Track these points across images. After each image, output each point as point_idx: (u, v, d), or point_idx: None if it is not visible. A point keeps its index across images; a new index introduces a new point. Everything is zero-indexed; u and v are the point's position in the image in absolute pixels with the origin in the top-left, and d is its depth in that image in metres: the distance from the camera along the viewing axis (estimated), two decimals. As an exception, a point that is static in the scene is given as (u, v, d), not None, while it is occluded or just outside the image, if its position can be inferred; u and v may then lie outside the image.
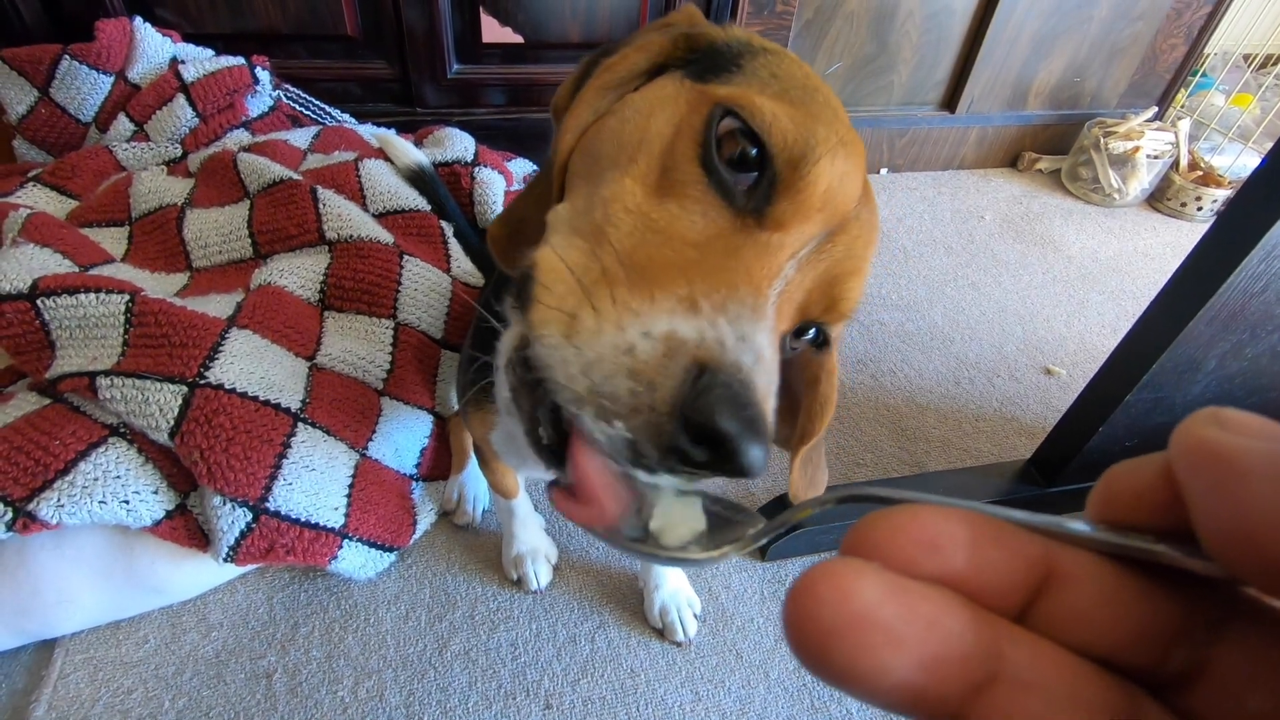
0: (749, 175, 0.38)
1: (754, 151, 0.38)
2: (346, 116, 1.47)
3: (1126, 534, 0.17)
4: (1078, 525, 0.18)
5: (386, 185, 1.15)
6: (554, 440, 0.34)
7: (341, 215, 1.03)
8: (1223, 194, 1.88)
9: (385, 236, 1.04)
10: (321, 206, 1.03)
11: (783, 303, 0.38)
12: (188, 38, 1.34)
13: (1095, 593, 0.17)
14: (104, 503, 0.75)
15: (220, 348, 0.82)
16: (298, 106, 1.41)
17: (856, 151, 0.40)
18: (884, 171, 2.01)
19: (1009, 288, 1.63)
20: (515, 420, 0.35)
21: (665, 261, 0.34)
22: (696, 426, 0.29)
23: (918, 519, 0.17)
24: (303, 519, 0.82)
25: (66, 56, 1.20)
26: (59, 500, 0.73)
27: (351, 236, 1.01)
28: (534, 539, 0.94)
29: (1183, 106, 2.10)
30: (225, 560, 0.80)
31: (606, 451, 0.31)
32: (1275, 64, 2.17)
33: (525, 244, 0.48)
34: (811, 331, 0.44)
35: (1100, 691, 0.16)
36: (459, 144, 1.32)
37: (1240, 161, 1.90)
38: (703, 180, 0.38)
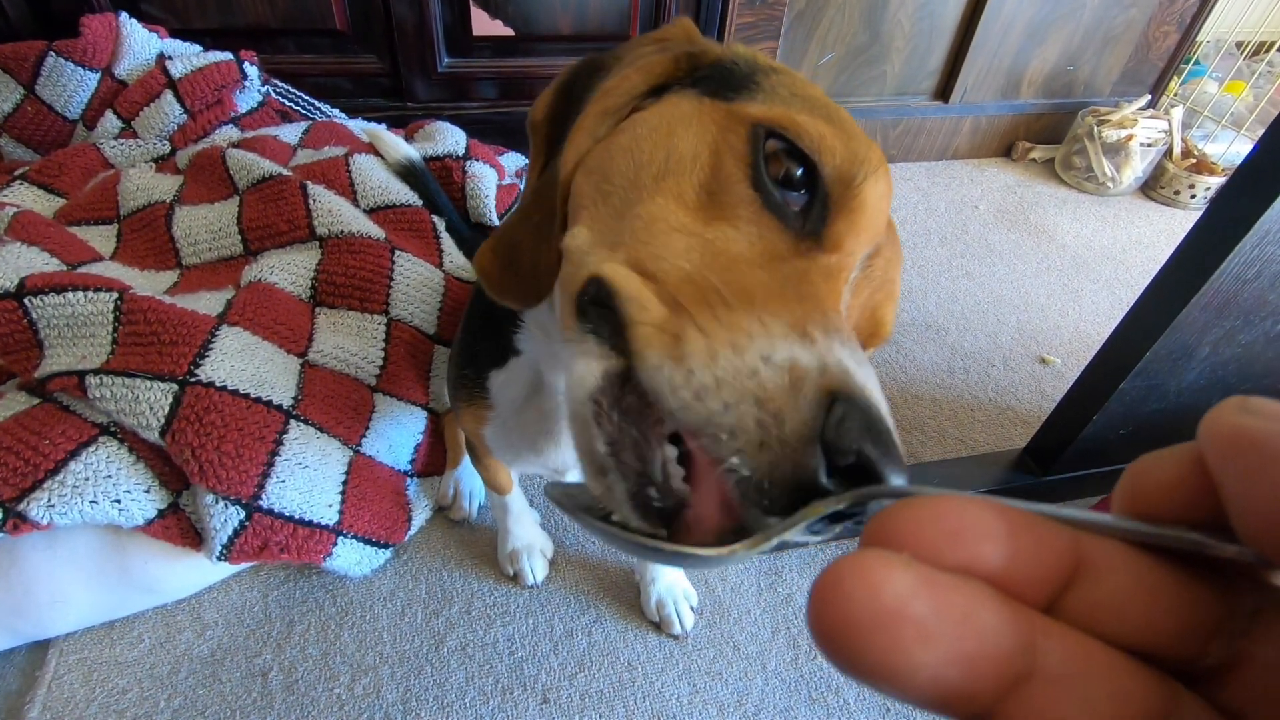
0: (795, 195, 0.37)
1: (799, 172, 0.37)
2: (336, 112, 1.46)
3: (1157, 524, 0.17)
4: (1105, 517, 0.17)
5: (377, 180, 1.14)
6: (668, 499, 0.29)
7: (332, 211, 1.02)
8: (1216, 181, 1.87)
9: (376, 232, 1.03)
10: (312, 202, 1.02)
11: None
12: (175, 33, 1.33)
13: (1127, 583, 0.16)
14: (95, 502, 0.74)
15: (211, 345, 0.82)
16: (287, 102, 1.40)
17: (889, 172, 0.40)
18: (878, 162, 2.00)
19: (1003, 277, 1.63)
20: (605, 483, 0.30)
21: (742, 284, 0.32)
22: (840, 457, 0.26)
23: (943, 507, 0.16)
24: (296, 516, 0.82)
25: (52, 53, 1.19)
26: (49, 500, 0.72)
27: (342, 232, 1.01)
28: (529, 534, 0.93)
29: (1176, 94, 2.10)
30: (219, 559, 0.79)
31: (731, 488, 0.27)
32: (1268, 51, 2.17)
33: (519, 273, 0.46)
34: None
35: (1137, 685, 0.16)
36: (450, 138, 1.31)
37: (1233, 149, 1.90)
38: (756, 201, 0.37)
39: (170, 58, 1.27)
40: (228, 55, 1.29)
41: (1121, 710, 0.15)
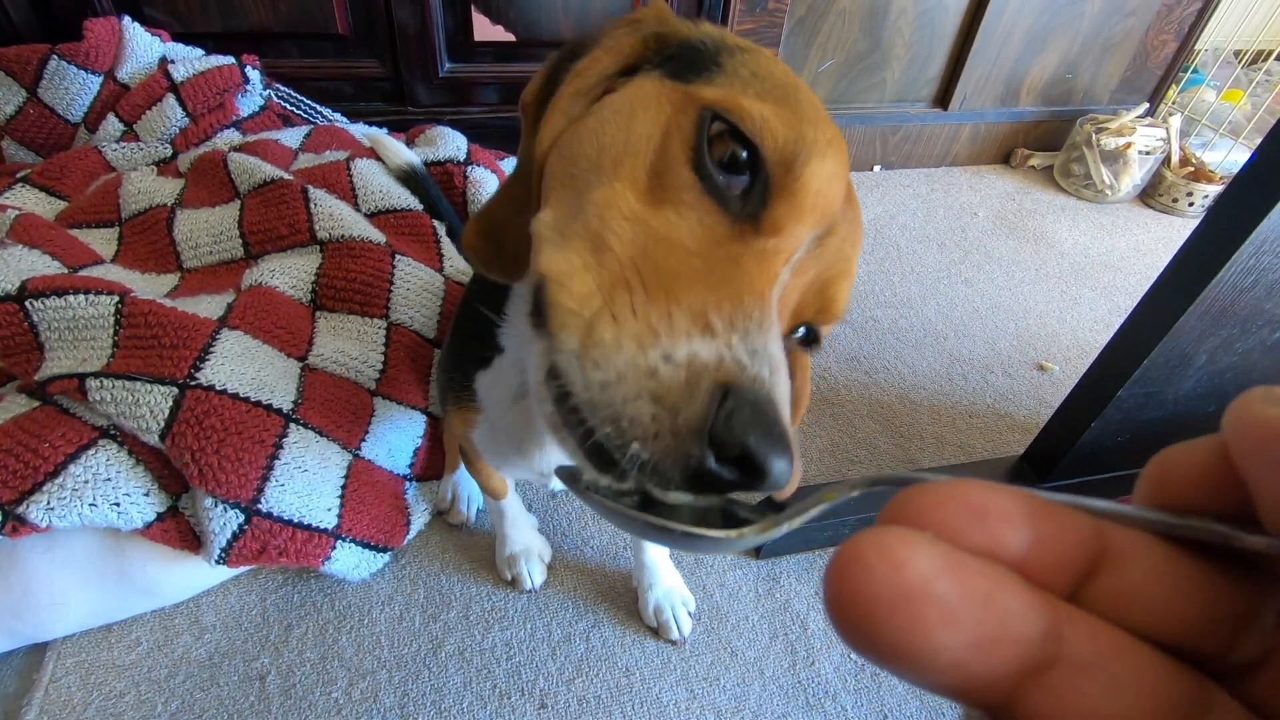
0: (739, 179, 0.38)
1: (744, 155, 0.38)
2: (338, 116, 1.47)
3: (1182, 515, 0.16)
4: (1129, 507, 0.17)
5: (378, 185, 1.15)
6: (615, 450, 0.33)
7: (333, 215, 1.03)
8: (1214, 189, 1.88)
9: (377, 236, 1.03)
10: (313, 206, 1.03)
11: (780, 308, 0.37)
12: (177, 37, 1.34)
13: (1153, 572, 0.16)
14: (94, 505, 0.74)
15: (211, 349, 0.82)
16: (289, 106, 1.41)
17: (843, 151, 0.40)
18: (877, 169, 2.01)
19: (1002, 284, 1.63)
20: (561, 440, 0.34)
21: (672, 272, 0.34)
22: (726, 449, 0.29)
23: (965, 489, 0.16)
24: (295, 520, 0.82)
25: (55, 56, 1.20)
26: (49, 503, 0.72)
27: (343, 236, 1.01)
28: (527, 539, 0.93)
29: (1174, 102, 2.11)
30: (217, 562, 0.79)
31: (626, 470, 0.31)
32: (1266, 60, 2.18)
33: (503, 250, 0.47)
34: (801, 330, 0.44)
35: (1165, 677, 0.15)
36: (451, 143, 1.32)
37: (1231, 157, 1.91)
38: (697, 185, 0.37)
39: (172, 61, 1.28)
40: (230, 59, 1.29)
41: (1150, 701, 0.15)
